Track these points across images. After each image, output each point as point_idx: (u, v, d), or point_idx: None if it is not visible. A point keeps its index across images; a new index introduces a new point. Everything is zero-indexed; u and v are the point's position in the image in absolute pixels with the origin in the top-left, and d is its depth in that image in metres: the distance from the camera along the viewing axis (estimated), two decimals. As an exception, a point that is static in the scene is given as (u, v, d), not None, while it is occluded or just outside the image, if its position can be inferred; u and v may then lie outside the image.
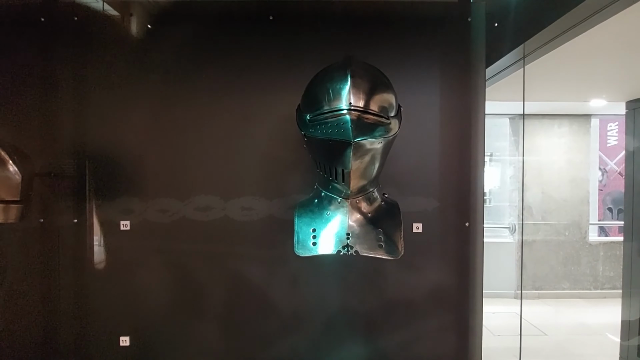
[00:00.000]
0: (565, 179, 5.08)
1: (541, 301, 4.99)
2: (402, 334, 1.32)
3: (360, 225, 0.93)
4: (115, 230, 1.30)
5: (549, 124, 5.10)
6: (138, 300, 1.31)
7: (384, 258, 0.93)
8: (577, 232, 5.06)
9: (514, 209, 5.32)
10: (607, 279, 5.07)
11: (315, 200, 1.02)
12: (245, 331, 1.32)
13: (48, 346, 1.30)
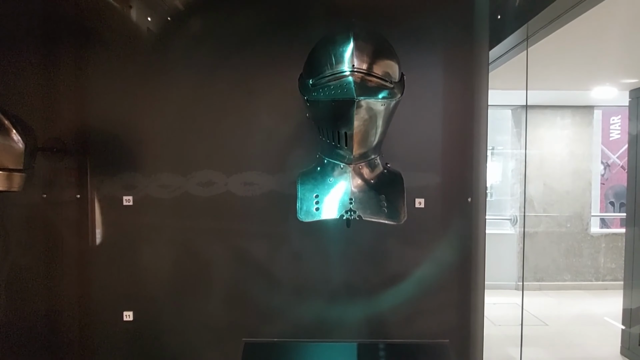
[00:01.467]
0: (567, 171, 5.07)
1: (542, 292, 4.99)
2: (404, 309, 1.32)
3: (363, 191, 0.93)
4: (118, 205, 1.31)
5: (552, 115, 5.08)
6: (141, 275, 1.32)
7: (387, 223, 0.93)
8: (578, 224, 5.05)
9: (515, 200, 5.30)
10: (609, 271, 5.06)
11: (318, 168, 1.02)
12: (249, 306, 1.33)
13: (52, 320, 1.31)
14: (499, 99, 4.84)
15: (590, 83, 3.60)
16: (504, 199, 5.60)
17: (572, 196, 5.05)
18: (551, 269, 5.06)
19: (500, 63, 2.36)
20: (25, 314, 1.29)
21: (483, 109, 1.31)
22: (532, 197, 5.06)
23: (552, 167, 5.09)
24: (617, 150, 8.50)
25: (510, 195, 5.47)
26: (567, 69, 3.06)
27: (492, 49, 1.56)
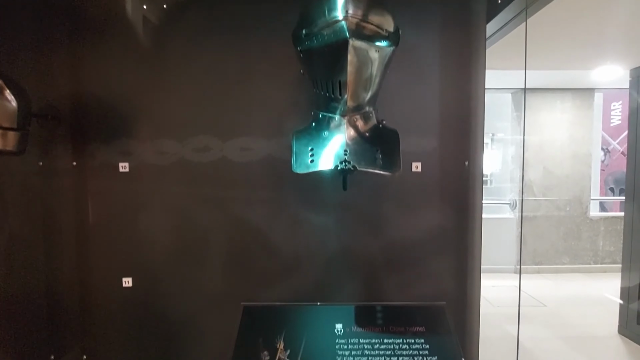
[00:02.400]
0: (567, 155, 5.05)
1: (541, 276, 5.03)
2: (401, 275, 1.33)
3: (358, 143, 0.92)
4: (114, 172, 1.30)
5: (552, 98, 5.04)
6: (139, 242, 1.32)
7: (382, 173, 0.93)
8: (578, 208, 5.06)
9: (515, 185, 5.30)
10: (607, 254, 5.09)
11: (313, 124, 1.01)
12: (247, 273, 1.34)
13: (51, 288, 1.32)
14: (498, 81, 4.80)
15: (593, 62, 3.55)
16: (504, 186, 5.60)
17: (572, 180, 5.05)
18: (550, 253, 5.09)
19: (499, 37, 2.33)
20: (25, 282, 1.30)
21: (481, 72, 1.30)
22: (532, 182, 5.06)
23: (552, 151, 5.07)
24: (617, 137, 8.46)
25: (510, 180, 5.47)
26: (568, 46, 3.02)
27: (489, 21, 1.53)
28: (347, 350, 1.15)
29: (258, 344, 1.17)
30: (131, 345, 1.33)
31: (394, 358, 1.13)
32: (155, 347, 1.33)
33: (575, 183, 5.05)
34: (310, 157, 0.95)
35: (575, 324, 3.72)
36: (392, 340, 1.17)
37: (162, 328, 1.33)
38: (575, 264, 5.10)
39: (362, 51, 0.80)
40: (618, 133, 8.40)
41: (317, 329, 1.21)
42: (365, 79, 0.87)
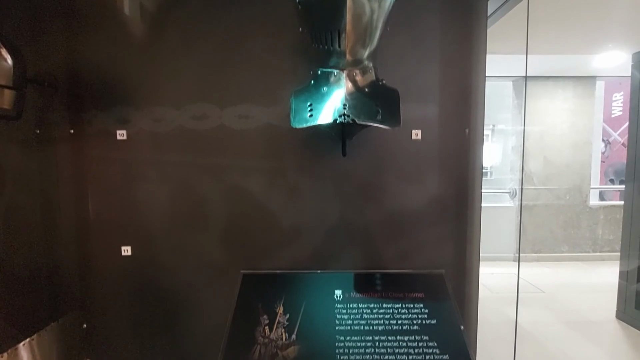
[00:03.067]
0: (567, 143, 5.04)
1: (540, 264, 5.04)
2: (400, 243, 1.33)
3: (357, 97, 0.91)
4: (112, 140, 1.30)
5: (553, 86, 5.01)
6: (138, 210, 1.32)
7: (381, 127, 0.92)
8: (578, 196, 5.06)
9: (515, 174, 5.30)
10: (607, 242, 5.10)
11: (312, 82, 1.00)
12: (246, 242, 1.33)
13: (50, 257, 1.32)
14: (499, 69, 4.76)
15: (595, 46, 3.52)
16: (504, 178, 5.59)
17: (572, 169, 5.04)
18: (549, 241, 5.10)
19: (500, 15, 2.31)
20: (23, 250, 1.30)
21: (482, 39, 1.28)
22: (532, 173, 5.05)
23: (553, 140, 5.06)
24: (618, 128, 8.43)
25: (510, 170, 5.46)
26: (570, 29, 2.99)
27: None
28: (347, 314, 1.15)
29: (257, 308, 1.18)
30: (131, 313, 1.33)
31: (393, 321, 1.13)
32: (155, 314, 1.33)
33: (575, 172, 5.04)
34: (309, 112, 0.94)
35: (574, 309, 3.74)
36: (391, 305, 1.17)
37: (162, 296, 1.33)
38: (575, 253, 5.11)
39: (360, 0, 0.79)
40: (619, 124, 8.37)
41: (316, 295, 1.21)
42: (364, 29, 0.86)
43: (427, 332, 1.11)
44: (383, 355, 1.05)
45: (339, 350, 1.06)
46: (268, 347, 1.08)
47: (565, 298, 4.02)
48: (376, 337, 1.10)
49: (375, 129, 1.25)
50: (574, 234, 5.10)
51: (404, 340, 1.09)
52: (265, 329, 1.12)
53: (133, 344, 1.32)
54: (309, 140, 1.29)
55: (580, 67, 4.58)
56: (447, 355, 1.05)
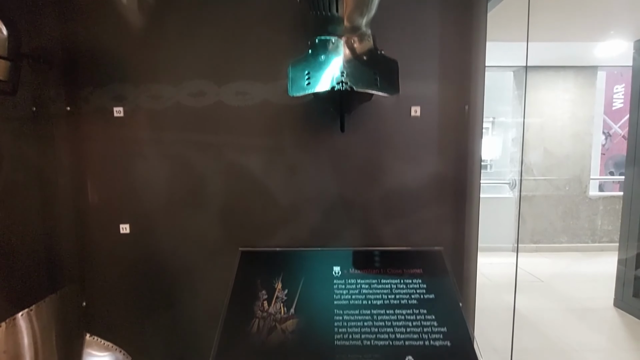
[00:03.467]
0: (568, 134, 5.02)
1: (539, 254, 5.06)
2: (399, 222, 1.33)
3: (356, 65, 0.90)
4: (109, 117, 1.29)
5: (554, 76, 4.98)
6: (136, 188, 1.31)
7: (380, 94, 0.91)
8: (577, 187, 5.06)
9: (515, 165, 5.29)
10: (605, 232, 5.11)
11: (310, 51, 0.99)
12: (244, 220, 1.33)
13: (48, 235, 1.31)
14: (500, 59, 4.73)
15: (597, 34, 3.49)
16: (504, 170, 5.59)
17: (572, 159, 5.03)
18: (548, 232, 5.11)
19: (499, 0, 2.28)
20: (21, 228, 1.29)
21: (482, 16, 1.26)
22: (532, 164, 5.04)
23: (553, 130, 5.04)
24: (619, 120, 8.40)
25: (510, 161, 5.46)
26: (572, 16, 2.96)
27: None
28: (345, 289, 1.16)
29: (256, 284, 1.18)
30: (130, 290, 1.33)
31: (391, 296, 1.14)
32: (154, 292, 1.33)
33: (576, 162, 5.03)
34: (306, 80, 0.93)
35: (572, 297, 3.76)
36: (390, 280, 1.18)
37: (161, 273, 1.33)
38: (573, 243, 5.13)
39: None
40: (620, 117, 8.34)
41: (314, 271, 1.21)
42: (363, -7, 0.85)
43: (425, 306, 1.11)
44: (381, 328, 1.06)
45: (337, 323, 1.07)
46: (267, 321, 1.08)
47: (564, 287, 4.04)
48: (374, 310, 1.10)
49: (374, 104, 1.24)
50: (573, 225, 5.12)
51: (402, 313, 1.09)
52: (264, 303, 1.13)
53: (133, 321, 1.33)
54: (308, 117, 1.28)
55: (582, 56, 4.55)
56: (445, 328, 1.05)
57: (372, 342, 1.03)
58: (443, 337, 1.03)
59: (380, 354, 1.00)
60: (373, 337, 1.04)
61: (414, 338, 1.03)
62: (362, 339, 1.04)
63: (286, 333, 1.05)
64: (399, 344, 1.02)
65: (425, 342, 1.02)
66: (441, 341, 1.03)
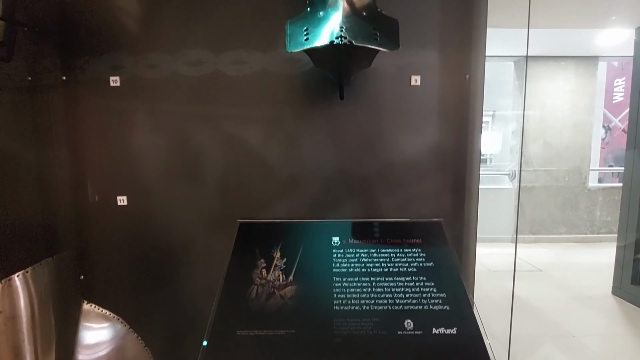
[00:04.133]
0: (568, 124, 5.01)
1: (538, 245, 5.07)
2: (398, 194, 1.32)
3: (355, 21, 0.89)
4: (105, 86, 1.27)
5: (555, 66, 4.96)
6: (133, 160, 1.30)
7: (379, 50, 0.90)
8: (577, 178, 5.05)
9: (515, 156, 5.28)
10: (604, 223, 5.12)
11: (308, 9, 0.98)
12: (242, 192, 1.32)
13: (46, 207, 1.30)
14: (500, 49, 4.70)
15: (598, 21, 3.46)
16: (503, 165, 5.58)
17: (572, 150, 5.02)
18: (547, 222, 5.12)
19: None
20: (19, 201, 1.28)
21: (483, -16, 1.25)
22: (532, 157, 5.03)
23: (553, 121, 5.03)
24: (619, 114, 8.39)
25: (510, 151, 5.45)
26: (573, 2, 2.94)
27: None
28: (344, 258, 1.15)
29: (254, 252, 1.17)
30: (128, 262, 1.32)
31: (391, 264, 1.13)
32: (152, 263, 1.33)
33: (575, 153, 5.03)
34: (305, 36, 0.92)
35: (570, 285, 3.77)
36: (389, 250, 1.17)
37: (159, 245, 1.32)
38: (572, 234, 5.13)
39: None
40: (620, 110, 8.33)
41: (313, 241, 1.20)
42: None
43: (424, 273, 1.10)
44: (380, 294, 1.05)
45: (336, 290, 1.06)
46: (265, 287, 1.08)
47: (562, 276, 4.05)
48: (373, 278, 1.09)
49: (374, 73, 1.23)
50: (572, 216, 5.12)
51: (401, 280, 1.08)
52: (263, 271, 1.12)
53: (131, 292, 1.32)
54: (307, 87, 1.27)
55: (583, 45, 4.52)
56: (444, 294, 1.05)
57: (371, 307, 1.02)
58: (442, 302, 1.03)
59: (379, 318, 1.00)
60: (372, 302, 1.03)
61: (412, 303, 1.03)
62: (361, 304, 1.03)
63: (285, 299, 1.05)
64: (398, 309, 1.02)
65: (424, 307, 1.02)
66: (440, 306, 1.02)
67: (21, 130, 1.28)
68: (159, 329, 1.34)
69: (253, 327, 0.98)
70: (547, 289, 3.71)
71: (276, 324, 0.99)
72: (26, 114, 1.28)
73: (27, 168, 1.28)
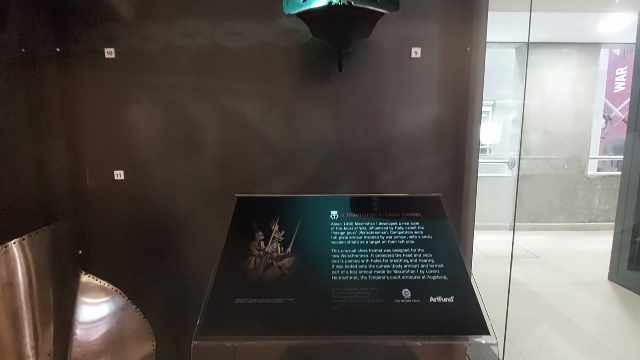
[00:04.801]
0: (569, 113, 4.99)
1: (535, 232, 5.10)
2: (397, 169, 1.31)
3: (354, -18, 0.87)
4: (100, 58, 1.25)
5: (557, 53, 4.91)
6: (129, 133, 1.29)
7: (379, 11, 0.88)
8: (576, 166, 5.05)
9: (515, 144, 5.27)
10: (602, 212, 5.14)
11: (306, -29, 0.96)
12: (240, 167, 1.31)
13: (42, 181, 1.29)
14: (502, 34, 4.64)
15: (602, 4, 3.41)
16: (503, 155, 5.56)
17: (572, 139, 5.01)
18: (546, 211, 5.14)
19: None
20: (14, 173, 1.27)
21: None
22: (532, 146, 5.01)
23: (554, 109, 5.00)
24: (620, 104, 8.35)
25: (509, 139, 5.43)
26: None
27: None
28: (342, 231, 1.15)
29: (252, 226, 1.17)
30: (125, 236, 1.32)
31: (389, 237, 1.13)
32: (149, 238, 1.32)
33: (575, 141, 5.01)
34: (303, -2, 0.90)
35: (567, 271, 3.81)
36: (387, 223, 1.17)
37: (156, 221, 1.32)
38: (570, 222, 5.16)
39: None
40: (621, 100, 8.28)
41: (311, 215, 1.20)
42: None
43: (422, 245, 1.10)
44: (378, 265, 1.05)
45: (334, 261, 1.06)
46: (263, 259, 1.08)
47: (559, 262, 4.08)
48: (372, 250, 1.09)
49: (373, 45, 1.21)
50: (570, 204, 5.14)
51: (399, 252, 1.09)
52: (261, 243, 1.12)
53: (129, 266, 1.32)
54: (305, 59, 1.25)
55: (585, 30, 4.47)
56: (442, 265, 1.05)
57: (369, 277, 1.03)
58: (440, 272, 1.03)
59: (377, 288, 1.00)
60: (370, 272, 1.04)
61: (410, 273, 1.03)
62: (359, 274, 1.03)
63: (283, 269, 1.05)
64: (396, 279, 1.02)
65: (422, 277, 1.02)
66: (438, 276, 1.02)
67: (15, 103, 1.26)
68: (157, 303, 1.34)
69: (251, 296, 0.98)
70: (544, 274, 3.75)
71: (274, 293, 0.99)
72: (20, 86, 1.26)
73: (21, 142, 1.27)
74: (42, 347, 0.94)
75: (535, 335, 2.62)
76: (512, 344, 2.45)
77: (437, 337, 0.90)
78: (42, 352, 0.94)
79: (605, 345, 2.45)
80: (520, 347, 2.42)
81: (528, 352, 2.36)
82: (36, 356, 0.92)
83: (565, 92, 4.99)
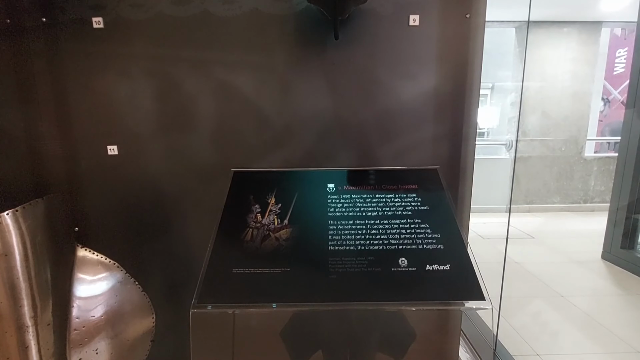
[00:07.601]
0: (567, 94, 4.95)
1: (531, 214, 5.16)
2: (395, 142, 1.30)
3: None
4: (88, 28, 1.21)
5: (557, 33, 4.83)
6: (121, 107, 1.26)
7: None
8: (573, 148, 5.06)
9: (513, 125, 5.25)
10: (597, 193, 5.19)
11: None
12: (235, 142, 1.29)
13: (35, 159, 1.27)
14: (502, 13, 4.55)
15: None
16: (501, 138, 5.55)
17: (570, 120, 5.00)
18: (542, 192, 5.18)
19: None
20: (4, 149, 1.25)
21: None
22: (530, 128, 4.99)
23: (553, 90, 4.96)
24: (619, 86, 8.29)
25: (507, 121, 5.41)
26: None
27: None
28: (339, 203, 1.15)
29: (249, 199, 1.16)
30: (121, 213, 1.31)
31: (386, 208, 1.13)
32: (145, 214, 1.32)
33: (573, 123, 5.00)
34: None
35: (561, 251, 3.87)
36: (384, 195, 1.16)
37: (151, 196, 1.31)
38: (566, 203, 5.21)
39: None
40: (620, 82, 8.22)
41: (308, 188, 1.19)
42: None
43: (419, 216, 1.10)
44: (375, 235, 1.05)
45: (331, 232, 1.06)
46: (260, 230, 1.08)
47: (554, 242, 4.15)
48: (368, 221, 1.09)
49: (370, 13, 1.17)
50: (566, 185, 5.17)
51: (396, 223, 1.09)
52: (257, 215, 1.12)
53: (126, 241, 1.32)
54: (300, 28, 1.21)
55: (587, 8, 4.39)
56: (439, 234, 1.05)
57: (366, 247, 1.03)
58: (436, 241, 1.04)
59: (374, 257, 1.00)
60: (367, 243, 1.04)
61: (407, 243, 1.04)
62: (356, 244, 1.04)
63: (280, 240, 1.05)
64: (393, 249, 1.02)
65: (419, 247, 1.03)
66: (434, 245, 1.03)
67: (3, 75, 1.22)
68: (154, 277, 1.35)
69: (249, 266, 0.99)
70: (538, 254, 3.81)
71: (272, 263, 0.99)
72: (7, 58, 1.22)
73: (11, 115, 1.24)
74: (41, 318, 0.94)
75: (528, 311, 2.68)
76: (506, 320, 2.51)
77: (432, 302, 0.91)
78: (41, 322, 0.94)
79: (597, 320, 2.52)
80: (514, 322, 2.48)
81: (521, 328, 2.42)
82: (35, 326, 0.92)
83: (565, 73, 4.94)
